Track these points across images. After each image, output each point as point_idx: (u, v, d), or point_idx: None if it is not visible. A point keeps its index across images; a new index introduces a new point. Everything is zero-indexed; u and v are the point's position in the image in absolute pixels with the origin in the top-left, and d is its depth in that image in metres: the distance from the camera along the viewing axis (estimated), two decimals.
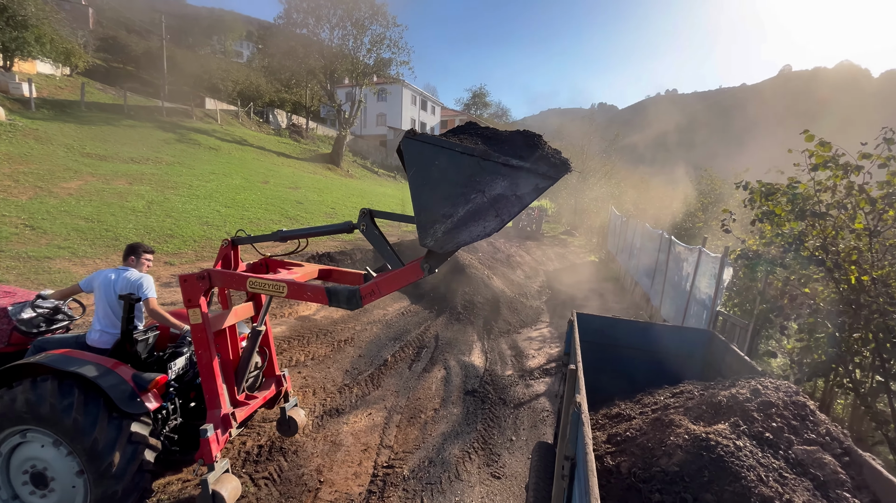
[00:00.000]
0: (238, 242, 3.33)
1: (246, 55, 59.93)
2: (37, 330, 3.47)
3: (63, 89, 23.34)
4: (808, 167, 4.76)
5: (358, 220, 2.78)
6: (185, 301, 2.87)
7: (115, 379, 2.73)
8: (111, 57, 37.46)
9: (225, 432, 3.00)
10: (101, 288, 3.26)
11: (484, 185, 2.04)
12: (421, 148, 2.09)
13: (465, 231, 2.09)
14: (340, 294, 2.62)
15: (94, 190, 11.89)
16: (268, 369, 3.89)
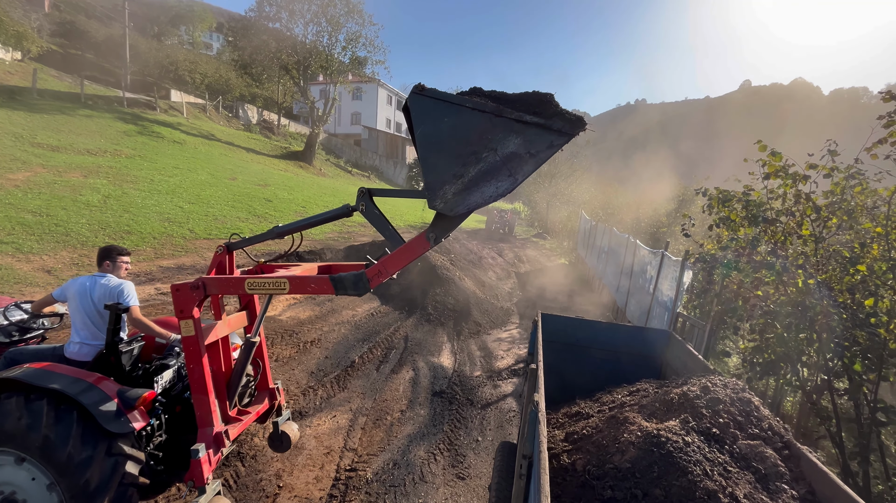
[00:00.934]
0: (233, 247, 3.12)
1: (216, 47, 58.03)
2: (8, 339, 3.20)
3: (13, 75, 21.93)
4: (761, 176, 5.00)
5: (357, 201, 2.64)
6: (177, 312, 2.68)
7: (98, 395, 2.52)
8: (68, 43, 35.43)
9: (217, 452, 2.82)
10: (76, 297, 3.01)
11: (496, 143, 1.95)
12: (429, 104, 1.99)
13: (477, 192, 2.00)
14: (346, 280, 2.49)
15: (44, 182, 11.20)
16: (261, 382, 3.67)
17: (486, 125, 1.95)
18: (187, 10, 51.78)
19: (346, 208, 2.78)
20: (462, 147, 1.98)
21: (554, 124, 1.92)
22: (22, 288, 6.63)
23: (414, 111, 2.03)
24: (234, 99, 37.75)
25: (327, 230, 14.64)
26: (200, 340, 2.73)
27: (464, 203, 2.03)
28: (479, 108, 1.94)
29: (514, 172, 1.97)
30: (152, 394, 2.74)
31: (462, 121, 1.97)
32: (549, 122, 1.92)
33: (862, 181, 4.54)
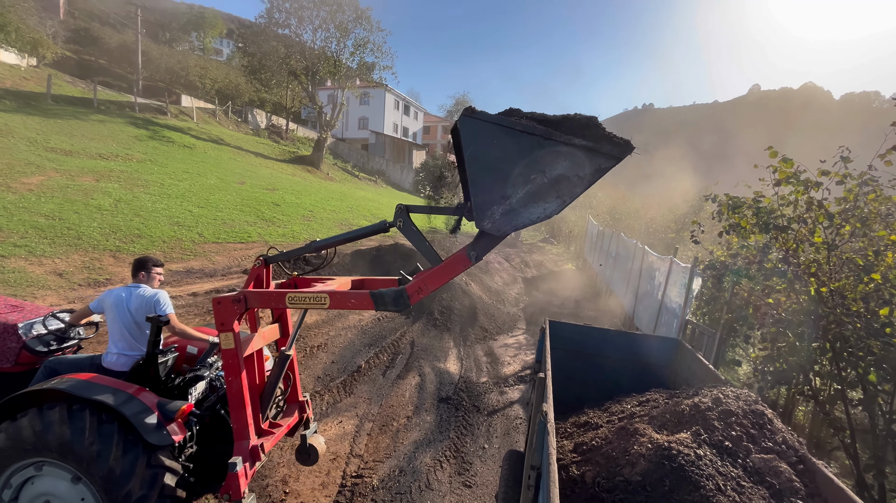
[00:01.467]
0: (271, 261, 3.14)
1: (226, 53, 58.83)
2: (46, 349, 3.24)
3: (28, 80, 22.36)
4: (772, 182, 4.94)
5: (395, 218, 2.66)
6: (218, 325, 2.69)
7: (140, 407, 2.54)
8: (82, 49, 36.13)
9: (253, 465, 2.82)
10: (113, 308, 3.04)
11: (545, 166, 1.97)
12: (479, 126, 2.02)
13: (525, 213, 2.02)
14: (387, 296, 2.48)
15: (57, 186, 11.37)
16: (290, 394, 3.69)
17: (536, 148, 1.97)
18: (198, 16, 52.63)
19: (384, 224, 2.81)
20: (510, 168, 2.01)
21: (602, 148, 1.94)
22: (34, 291, 6.72)
23: (464, 133, 2.05)
24: (243, 104, 38.17)
25: (335, 234, 14.70)
26: (240, 353, 2.74)
27: (511, 223, 2.05)
28: (528, 131, 1.96)
29: (562, 194, 1.99)
30: (190, 407, 2.75)
31: (511, 143, 1.99)
32: (597, 146, 1.94)
33: (876, 188, 4.48)
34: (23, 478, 2.53)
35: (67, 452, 2.38)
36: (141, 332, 3.10)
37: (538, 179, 2.00)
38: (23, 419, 2.44)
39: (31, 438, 2.40)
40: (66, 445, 2.37)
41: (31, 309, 3.46)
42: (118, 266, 8.38)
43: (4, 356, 3.11)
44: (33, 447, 2.42)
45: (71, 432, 2.38)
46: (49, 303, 6.45)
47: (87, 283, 7.45)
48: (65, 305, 6.54)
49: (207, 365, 3.25)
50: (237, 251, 10.84)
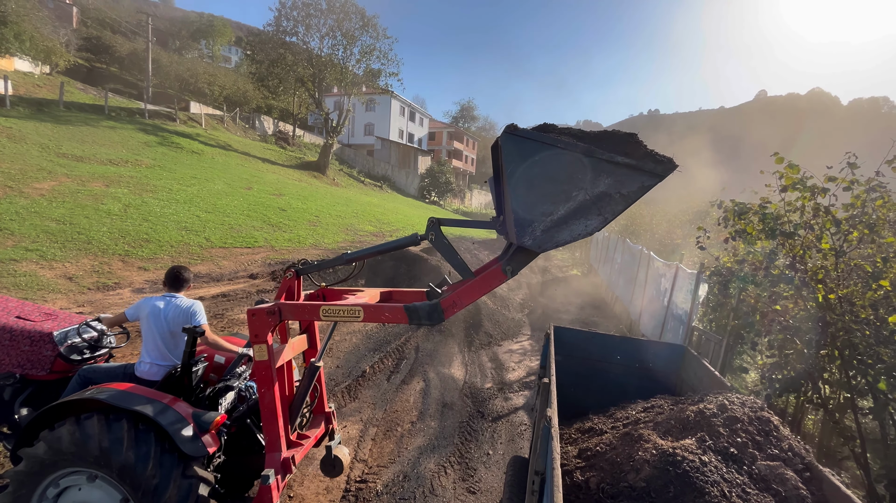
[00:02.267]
0: (302, 272, 3.17)
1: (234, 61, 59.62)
2: (80, 357, 3.28)
3: (41, 88, 22.81)
4: (778, 188, 4.92)
5: (427, 231, 2.67)
6: (252, 336, 2.69)
7: (176, 418, 2.55)
8: (94, 57, 36.82)
9: (285, 477, 2.84)
10: (149, 318, 3.07)
11: (587, 183, 1.96)
12: (521, 143, 2.00)
13: (566, 229, 2.01)
14: (421, 310, 2.48)
15: (67, 191, 11.56)
16: (317, 406, 3.70)
17: (578, 165, 1.96)
18: (207, 24, 53.46)
19: (415, 237, 2.84)
20: (552, 186, 2.00)
21: (645, 165, 1.94)
22: (45, 294, 6.82)
23: (505, 149, 2.04)
24: (250, 110, 38.65)
25: (340, 239, 14.78)
26: (273, 365, 2.74)
27: (552, 240, 2.04)
28: (571, 149, 1.95)
29: (604, 212, 1.98)
30: (224, 418, 2.75)
31: (553, 160, 1.99)
32: (640, 164, 1.93)
33: (883, 194, 4.44)
34: (59, 489, 2.54)
35: (106, 463, 2.39)
36: (174, 343, 3.12)
37: (580, 196, 1.98)
38: (62, 429, 2.45)
39: (71, 448, 2.41)
40: (105, 455, 2.38)
41: (65, 317, 3.50)
42: (126, 270, 8.48)
43: (40, 364, 3.14)
44: (72, 457, 2.43)
45: (110, 442, 2.39)
46: (59, 307, 6.53)
47: (97, 287, 7.54)
48: (92, 313, 6.63)
49: (236, 375, 3.26)
50: (244, 256, 10.93)
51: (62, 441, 2.42)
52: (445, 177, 44.15)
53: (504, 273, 2.36)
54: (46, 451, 2.44)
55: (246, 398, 3.23)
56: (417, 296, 3.23)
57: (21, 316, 3.34)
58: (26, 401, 3.18)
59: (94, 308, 6.76)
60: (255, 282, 9.37)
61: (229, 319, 7.23)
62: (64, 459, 2.44)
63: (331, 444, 3.70)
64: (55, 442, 2.43)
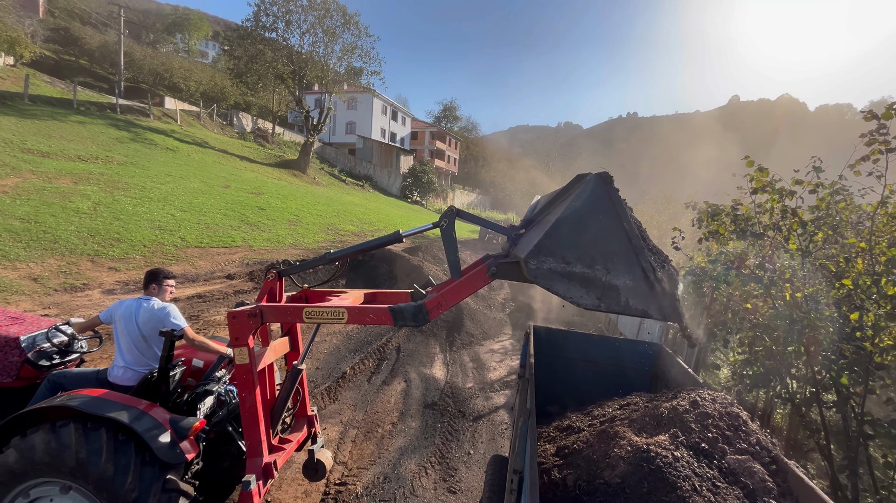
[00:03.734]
0: (284, 273, 3.09)
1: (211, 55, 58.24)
2: (49, 363, 3.13)
3: (5, 80, 21.79)
4: (749, 190, 5.09)
5: (441, 218, 2.61)
6: (233, 339, 2.62)
7: (152, 424, 2.46)
8: (62, 49, 35.35)
9: (266, 483, 2.77)
10: (121, 320, 2.96)
11: (613, 268, 1.96)
12: (602, 194, 1.98)
13: (565, 285, 1.97)
14: (406, 311, 2.45)
15: (33, 188, 11.08)
16: (299, 409, 3.63)
17: (620, 248, 1.96)
18: (183, 18, 52.08)
19: (398, 235, 2.81)
20: (589, 246, 1.98)
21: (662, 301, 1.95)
22: (7, 296, 6.52)
23: (585, 189, 2.03)
24: (228, 107, 37.76)
25: (320, 239, 14.59)
26: (254, 368, 2.67)
27: (547, 281, 2.00)
28: (629, 234, 1.96)
29: (604, 300, 1.97)
30: (203, 424, 2.67)
31: (608, 229, 1.98)
32: (660, 297, 1.95)
33: (846, 197, 4.65)
34: (29, 499, 2.43)
35: (83, 474, 2.30)
36: (148, 346, 3.02)
37: (598, 274, 1.98)
38: (35, 436, 2.34)
39: (45, 457, 2.30)
40: (82, 466, 2.29)
41: (32, 321, 3.36)
42: (96, 271, 8.18)
43: (5, 370, 3.01)
44: (45, 467, 2.32)
45: (87, 453, 2.29)
46: (23, 309, 6.25)
47: (64, 289, 7.25)
48: (59, 315, 6.36)
49: (215, 379, 3.17)
50: (220, 256, 10.68)
51: (35, 450, 2.31)
52: (428, 176, 44.07)
53: (489, 275, 2.37)
54: (17, 460, 2.33)
55: (225, 402, 3.15)
56: (402, 297, 3.22)
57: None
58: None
59: (61, 310, 6.50)
60: (233, 283, 9.16)
61: (205, 321, 7.05)
62: (36, 469, 2.33)
63: (313, 448, 3.65)
64: (27, 450, 2.32)
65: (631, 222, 1.99)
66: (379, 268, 10.94)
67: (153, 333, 3.01)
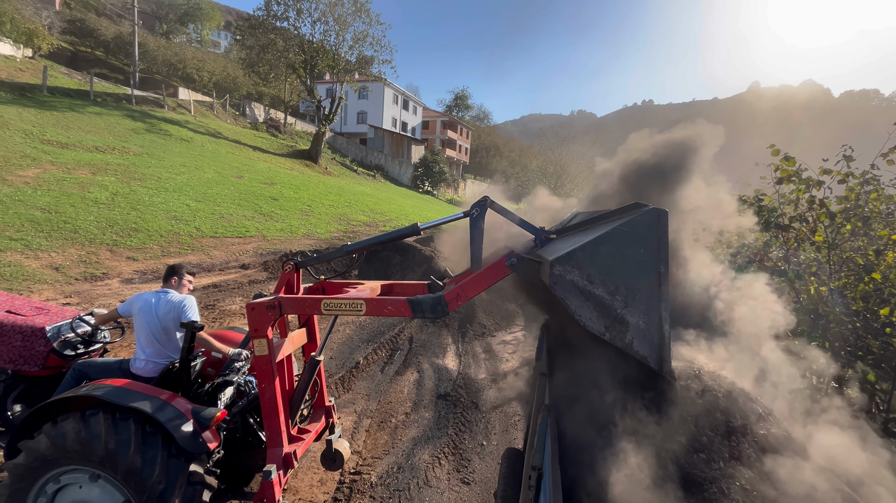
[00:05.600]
0: (302, 265, 3.10)
1: (224, 45, 58.40)
2: (74, 352, 3.22)
3: (24, 72, 22.13)
4: (773, 180, 4.93)
5: (472, 206, 2.59)
6: (252, 331, 2.65)
7: (175, 415, 2.51)
8: (78, 41, 35.75)
9: (287, 472, 2.80)
10: (141, 313, 3.01)
11: (631, 303, 1.98)
12: (652, 223, 1.98)
13: (579, 302, 1.98)
14: (425, 303, 2.43)
15: (53, 179, 11.29)
16: (317, 400, 3.67)
17: (647, 288, 1.98)
18: (195, 8, 52.16)
19: (416, 227, 2.80)
20: (619, 273, 1.99)
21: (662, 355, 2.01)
22: (30, 285, 6.68)
23: (638, 219, 2.02)
24: (241, 97, 37.94)
25: (333, 229, 14.66)
26: (273, 360, 2.69)
27: (564, 293, 1.99)
28: (661, 278, 1.98)
29: (610, 330, 2.00)
30: (224, 414, 2.70)
31: (644, 265, 1.99)
32: (661, 351, 2.00)
33: (877, 187, 4.46)
34: (59, 485, 2.49)
35: (111, 464, 2.35)
36: (168, 338, 3.07)
37: (615, 304, 1.98)
38: (66, 424, 2.38)
39: (76, 446, 2.35)
40: (111, 457, 2.34)
41: (57, 311, 3.43)
42: (115, 260, 8.34)
43: (32, 360, 3.09)
44: (76, 455, 2.37)
45: (117, 444, 2.34)
46: (45, 298, 6.41)
47: (84, 278, 7.41)
48: (80, 304, 6.51)
49: (235, 370, 3.19)
50: (235, 246, 10.79)
51: (66, 438, 2.36)
52: (439, 166, 43.87)
53: (508, 266, 2.34)
54: (49, 447, 2.38)
55: (245, 393, 3.17)
56: (419, 289, 3.19)
57: (11, 310, 3.26)
58: (19, 398, 3.13)
59: (82, 299, 6.64)
60: (247, 273, 9.27)
61: (221, 310, 7.15)
62: (67, 456, 2.39)
63: (331, 438, 3.69)
64: (59, 438, 2.37)
65: (668, 266, 1.97)
66: (391, 259, 10.95)
67: (173, 325, 3.04)
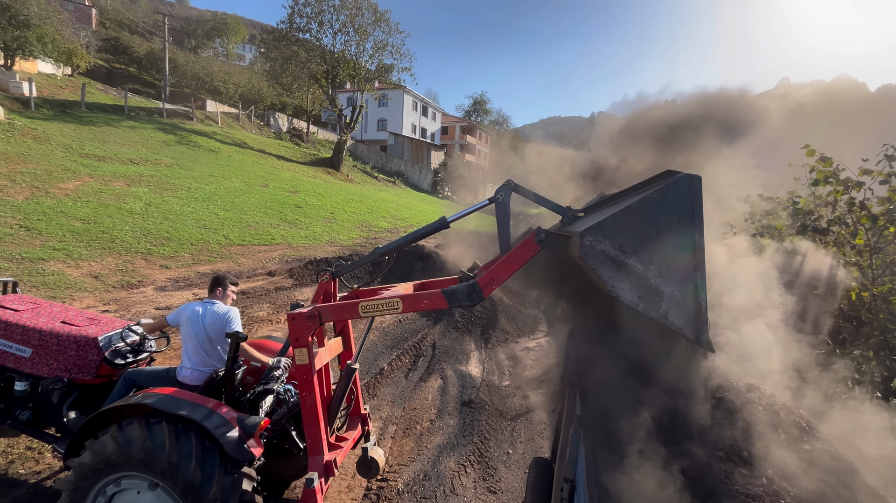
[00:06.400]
0: (338, 274, 3.16)
1: (248, 58, 60.20)
2: (124, 361, 3.38)
3: (64, 89, 23.35)
4: (808, 182, 4.76)
5: (497, 191, 2.57)
6: (293, 340, 2.70)
7: (221, 422, 2.57)
8: (113, 58, 37.56)
9: (328, 480, 2.85)
10: (188, 323, 3.14)
11: (665, 273, 1.91)
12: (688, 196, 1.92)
13: (611, 272, 1.90)
14: (459, 292, 2.43)
15: (91, 191, 11.84)
16: (353, 408, 3.71)
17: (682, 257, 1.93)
18: (221, 23, 54.06)
19: (444, 221, 2.81)
20: (652, 242, 1.93)
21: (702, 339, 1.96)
22: (72, 293, 7.00)
23: (670, 186, 1.96)
24: (265, 108, 39.01)
25: (355, 236, 14.86)
26: (314, 368, 2.74)
27: (595, 263, 1.92)
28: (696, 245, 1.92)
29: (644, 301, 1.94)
30: (267, 422, 2.75)
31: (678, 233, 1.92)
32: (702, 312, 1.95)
33: None
34: (120, 488, 2.57)
35: (172, 476, 2.41)
36: (213, 348, 3.17)
37: (650, 273, 1.91)
38: (131, 430, 2.46)
39: (140, 454, 2.42)
40: (173, 469, 2.40)
41: (107, 322, 3.59)
42: (149, 269, 8.66)
43: (86, 368, 3.23)
44: (139, 463, 2.44)
45: (179, 457, 2.41)
46: (86, 305, 6.71)
47: (121, 286, 7.72)
48: (118, 311, 6.79)
49: (274, 378, 3.25)
50: (261, 253, 11.06)
51: (132, 444, 2.43)
52: (458, 171, 43.99)
53: (537, 241, 2.28)
54: (114, 451, 2.46)
55: (284, 401, 3.21)
56: (451, 283, 3.18)
57: (66, 321, 3.43)
58: (73, 405, 3.27)
59: (119, 306, 6.92)
60: (274, 280, 9.48)
61: (249, 317, 7.33)
62: (130, 462, 2.46)
63: (367, 446, 3.71)
64: (125, 444, 2.44)
65: (703, 234, 1.89)
66: (413, 265, 11.02)
67: (218, 335, 3.15)
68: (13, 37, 20.24)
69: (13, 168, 11.79)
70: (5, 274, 6.90)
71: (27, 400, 3.29)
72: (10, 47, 20.53)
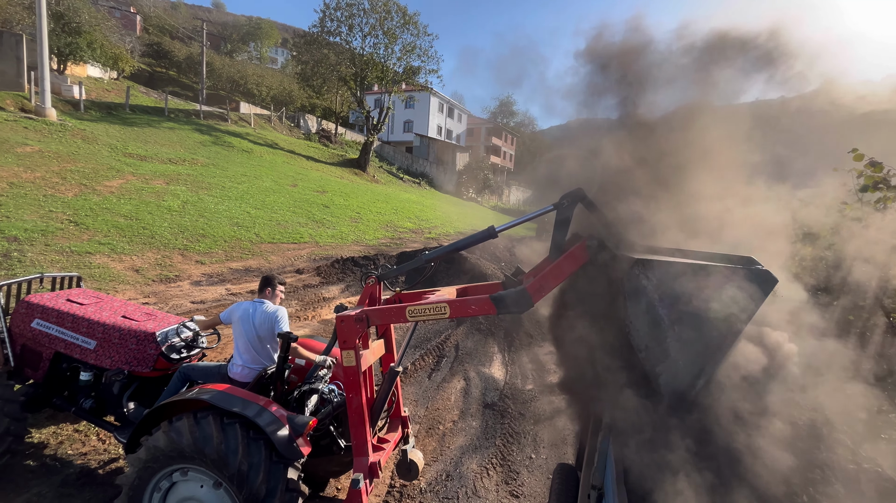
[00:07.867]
0: (383, 278, 3.20)
1: (280, 61, 61.94)
2: (178, 356, 3.54)
3: (110, 92, 24.63)
4: (855, 188, 4.52)
5: (562, 198, 2.55)
6: (341, 342, 2.74)
7: (272, 420, 2.63)
8: (155, 62, 39.38)
9: (372, 481, 2.88)
10: (240, 322, 3.24)
11: (683, 342, 1.95)
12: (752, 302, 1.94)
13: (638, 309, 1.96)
14: (508, 299, 2.43)
15: (133, 189, 12.44)
16: (394, 410, 3.76)
17: (708, 340, 1.96)
18: (256, 27, 55.85)
19: (492, 230, 2.80)
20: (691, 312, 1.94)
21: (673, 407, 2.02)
22: (115, 285, 7.38)
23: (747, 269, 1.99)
24: (295, 109, 40.04)
25: (380, 236, 15.04)
26: (360, 370, 2.78)
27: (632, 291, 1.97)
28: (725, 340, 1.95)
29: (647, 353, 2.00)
30: (315, 422, 2.80)
31: (721, 324, 1.95)
32: None
33: None
34: (186, 478, 2.65)
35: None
36: (262, 346, 3.27)
37: (669, 334, 1.95)
38: (180, 424, 2.56)
39: (190, 447, 2.52)
40: (221, 457, 2.48)
41: (163, 318, 3.77)
42: (185, 264, 9.03)
43: (145, 361, 3.41)
44: (188, 454, 2.53)
45: (226, 446, 2.49)
46: (128, 297, 7.05)
47: (160, 280, 8.08)
48: (157, 304, 7.13)
49: (318, 377, 3.31)
50: (290, 251, 11.35)
51: (182, 437, 2.52)
52: (483, 173, 43.90)
53: (588, 249, 2.25)
54: (167, 444, 2.55)
55: (328, 401, 3.25)
56: (494, 288, 3.16)
57: (126, 315, 3.61)
58: (132, 396, 3.44)
59: (158, 299, 7.25)
60: (302, 278, 9.71)
61: None
62: (182, 455, 2.54)
63: (406, 448, 3.75)
64: (176, 438, 2.53)
65: (743, 331, 1.90)
66: (438, 267, 11.06)
67: (267, 334, 3.24)
68: (66, 43, 21.52)
69: (64, 167, 12.51)
70: (57, 266, 7.33)
71: (90, 389, 3.49)
72: (62, 52, 21.83)
